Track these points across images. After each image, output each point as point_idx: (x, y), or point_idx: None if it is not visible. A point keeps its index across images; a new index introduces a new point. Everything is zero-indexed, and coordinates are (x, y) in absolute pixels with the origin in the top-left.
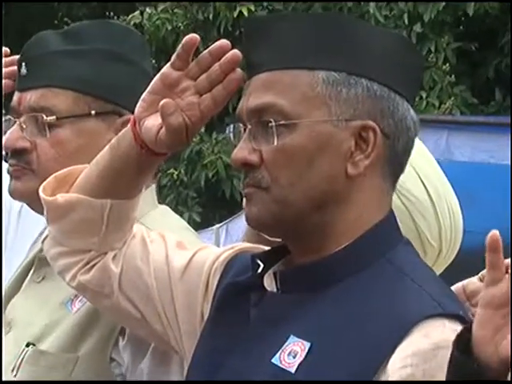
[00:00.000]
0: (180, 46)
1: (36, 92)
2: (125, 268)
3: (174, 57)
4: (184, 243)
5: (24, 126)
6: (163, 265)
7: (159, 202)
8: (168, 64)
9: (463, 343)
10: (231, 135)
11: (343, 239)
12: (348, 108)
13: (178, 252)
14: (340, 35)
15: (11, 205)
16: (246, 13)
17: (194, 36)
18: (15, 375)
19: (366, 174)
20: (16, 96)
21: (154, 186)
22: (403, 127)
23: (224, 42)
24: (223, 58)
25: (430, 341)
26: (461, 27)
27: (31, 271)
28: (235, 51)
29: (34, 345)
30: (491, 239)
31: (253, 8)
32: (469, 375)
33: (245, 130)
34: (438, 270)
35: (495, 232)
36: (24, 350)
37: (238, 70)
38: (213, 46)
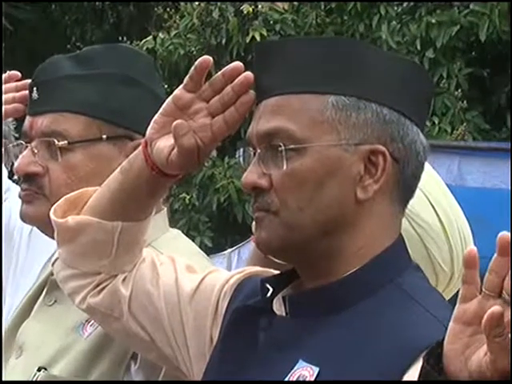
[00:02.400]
0: (193, 67)
1: (47, 117)
2: (134, 291)
3: (186, 79)
4: (194, 267)
5: (36, 151)
6: (173, 288)
7: (171, 227)
8: (181, 86)
9: (435, 357)
10: (241, 159)
11: (352, 264)
12: (357, 132)
13: (187, 275)
14: (350, 59)
15: (22, 228)
16: (258, 38)
17: (206, 58)
18: None
19: (375, 199)
20: (27, 121)
21: (165, 210)
22: (413, 152)
23: (237, 64)
24: (236, 80)
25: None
26: (473, 53)
27: (42, 294)
28: (248, 73)
29: (45, 369)
30: (468, 255)
31: (265, 33)
32: None
33: (254, 154)
34: (449, 295)
35: (473, 249)
36: (36, 374)
37: (251, 92)
38: (226, 68)
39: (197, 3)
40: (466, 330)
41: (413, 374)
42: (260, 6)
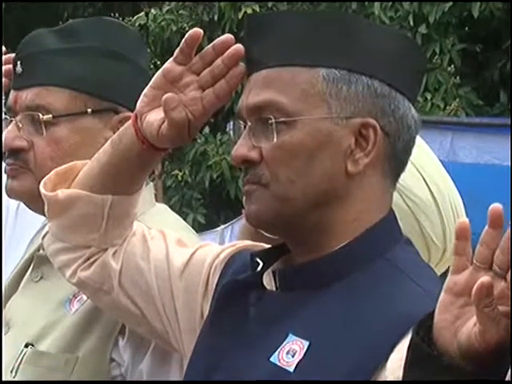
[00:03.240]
0: (183, 40)
1: (32, 91)
2: (125, 265)
3: (177, 51)
4: (184, 241)
5: (20, 125)
6: (163, 262)
7: (164, 203)
8: (171, 59)
9: (425, 329)
10: (231, 132)
11: (343, 238)
12: (348, 105)
13: (178, 250)
14: (341, 32)
15: (8, 204)
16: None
17: (197, 30)
18: (14, 376)
19: (366, 172)
20: (12, 95)
21: (152, 185)
22: (404, 125)
23: (227, 36)
24: (226, 53)
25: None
26: (466, 29)
27: (29, 270)
28: (238, 45)
29: (32, 345)
30: (460, 227)
31: (258, 9)
32: (423, 358)
33: (245, 127)
34: (442, 269)
35: (464, 220)
36: (23, 350)
37: (241, 64)
38: (216, 40)
39: None
40: (457, 301)
41: (402, 347)
42: None
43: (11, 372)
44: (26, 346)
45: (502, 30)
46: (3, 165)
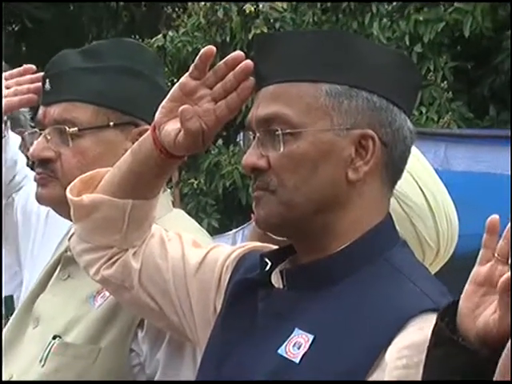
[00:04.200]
0: (198, 56)
1: (59, 106)
2: (144, 264)
3: (192, 67)
4: (199, 242)
5: (49, 138)
6: (180, 262)
7: (182, 209)
8: (186, 74)
9: (450, 315)
10: (241, 142)
11: (344, 240)
12: (349, 118)
13: (193, 250)
14: (342, 50)
15: (38, 210)
16: None
17: (211, 47)
18: (43, 365)
19: (365, 180)
20: (41, 110)
21: (169, 191)
22: (400, 136)
23: (238, 53)
24: (237, 68)
25: (423, 334)
26: (458, 48)
27: (57, 270)
28: (248, 61)
29: (60, 337)
30: (490, 222)
31: (266, 31)
32: (446, 341)
33: (254, 137)
34: (435, 269)
35: (495, 216)
36: (51, 342)
37: (251, 78)
38: (228, 56)
39: (203, 3)
40: (479, 290)
41: (400, 340)
42: (261, 6)
43: (40, 362)
44: (54, 338)
45: (492, 48)
46: (30, 173)
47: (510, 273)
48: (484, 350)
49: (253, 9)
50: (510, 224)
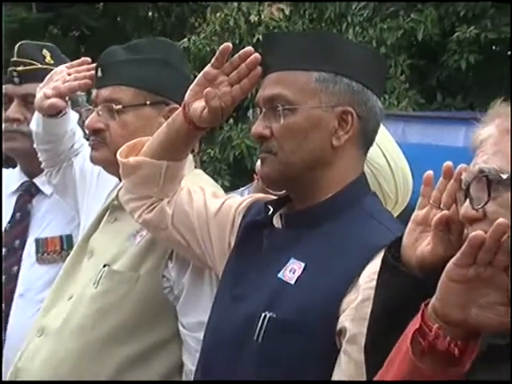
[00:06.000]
0: (218, 51)
1: (108, 89)
2: (176, 210)
3: (213, 59)
4: (218, 194)
5: (100, 113)
6: (202, 208)
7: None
8: (209, 64)
9: (395, 248)
10: (251, 116)
11: (329, 191)
12: (333, 98)
13: (213, 199)
14: (328, 46)
15: (92, 169)
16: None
17: (227, 44)
18: (96, 287)
19: (345, 146)
20: (94, 92)
21: (191, 156)
22: (372, 113)
23: (249, 48)
24: (248, 59)
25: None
26: (413, 49)
27: (106, 215)
28: (256, 54)
29: (109, 266)
30: (426, 177)
31: None
32: (391, 267)
33: (260, 112)
34: (395, 214)
35: (430, 172)
36: (102, 269)
37: (258, 67)
38: (241, 51)
39: (218, 14)
40: (417, 228)
41: (370, 267)
42: (263, 16)
43: (93, 284)
44: (104, 266)
45: (438, 49)
46: (86, 142)
47: (440, 214)
48: (420, 274)
49: (256, 19)
50: (441, 178)
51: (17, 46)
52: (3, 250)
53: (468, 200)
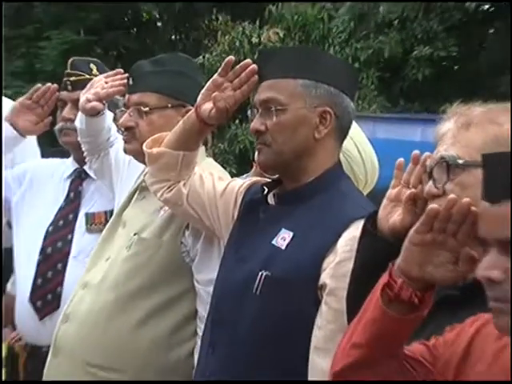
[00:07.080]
0: (223, 63)
1: (137, 94)
2: (190, 190)
3: (220, 69)
4: (223, 177)
5: (131, 114)
6: (211, 189)
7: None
8: (216, 73)
9: (372, 219)
10: (250, 115)
11: (312, 175)
12: (316, 100)
13: (219, 182)
14: (312, 59)
15: (125, 158)
16: None
17: (230, 57)
18: (128, 251)
19: (325, 138)
20: (126, 97)
21: (203, 147)
22: (346, 112)
23: (248, 61)
24: (247, 69)
25: (359, 230)
26: (380, 64)
27: (136, 194)
28: (254, 65)
29: (138, 234)
30: (398, 163)
31: None
32: (369, 234)
33: (257, 111)
34: (365, 193)
35: (401, 159)
36: (132, 237)
37: (255, 76)
38: (241, 63)
39: (227, 37)
40: (390, 204)
41: (346, 235)
42: (262, 38)
43: (126, 248)
44: (134, 234)
45: (401, 64)
46: (119, 136)
47: (409, 192)
48: (391, 239)
49: (257, 40)
50: (410, 163)
51: (69, 61)
52: (60, 222)
53: (431, 181)
